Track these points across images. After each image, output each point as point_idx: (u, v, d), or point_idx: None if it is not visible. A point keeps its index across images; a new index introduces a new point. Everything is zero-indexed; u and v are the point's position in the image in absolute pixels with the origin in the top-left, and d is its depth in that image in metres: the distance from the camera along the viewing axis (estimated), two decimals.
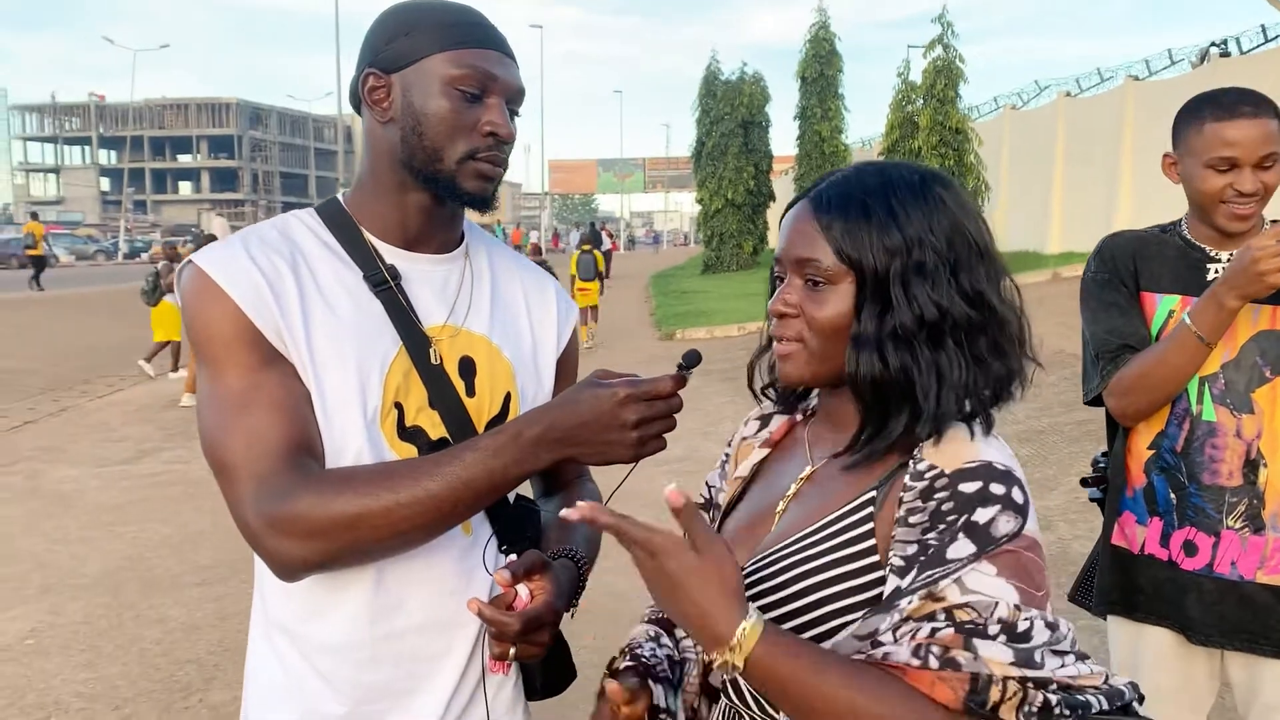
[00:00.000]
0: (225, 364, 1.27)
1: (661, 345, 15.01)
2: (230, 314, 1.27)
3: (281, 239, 1.36)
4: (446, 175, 1.34)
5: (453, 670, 1.38)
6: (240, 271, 1.29)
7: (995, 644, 1.00)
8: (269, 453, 1.23)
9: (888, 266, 1.12)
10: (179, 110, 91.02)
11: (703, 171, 28.10)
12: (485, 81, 1.33)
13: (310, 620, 1.35)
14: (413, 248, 1.41)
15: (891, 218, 1.12)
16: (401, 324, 1.36)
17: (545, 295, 1.56)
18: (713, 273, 27.67)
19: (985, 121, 24.06)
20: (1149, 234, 2.19)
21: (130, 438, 9.18)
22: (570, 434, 1.19)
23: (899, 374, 1.11)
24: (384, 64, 1.35)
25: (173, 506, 6.75)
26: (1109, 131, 18.61)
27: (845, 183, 1.17)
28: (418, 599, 1.36)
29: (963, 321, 1.12)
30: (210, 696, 3.97)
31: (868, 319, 1.12)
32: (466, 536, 1.39)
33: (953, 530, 1.04)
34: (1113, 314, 2.12)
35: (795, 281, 1.18)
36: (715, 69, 28.19)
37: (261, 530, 1.21)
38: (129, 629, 4.67)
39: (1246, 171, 1.97)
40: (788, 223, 1.20)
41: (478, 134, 1.33)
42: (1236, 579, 2.02)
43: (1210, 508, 2.03)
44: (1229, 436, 2.01)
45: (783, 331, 1.19)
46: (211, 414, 1.27)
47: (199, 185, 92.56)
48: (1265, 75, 13.36)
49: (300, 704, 1.36)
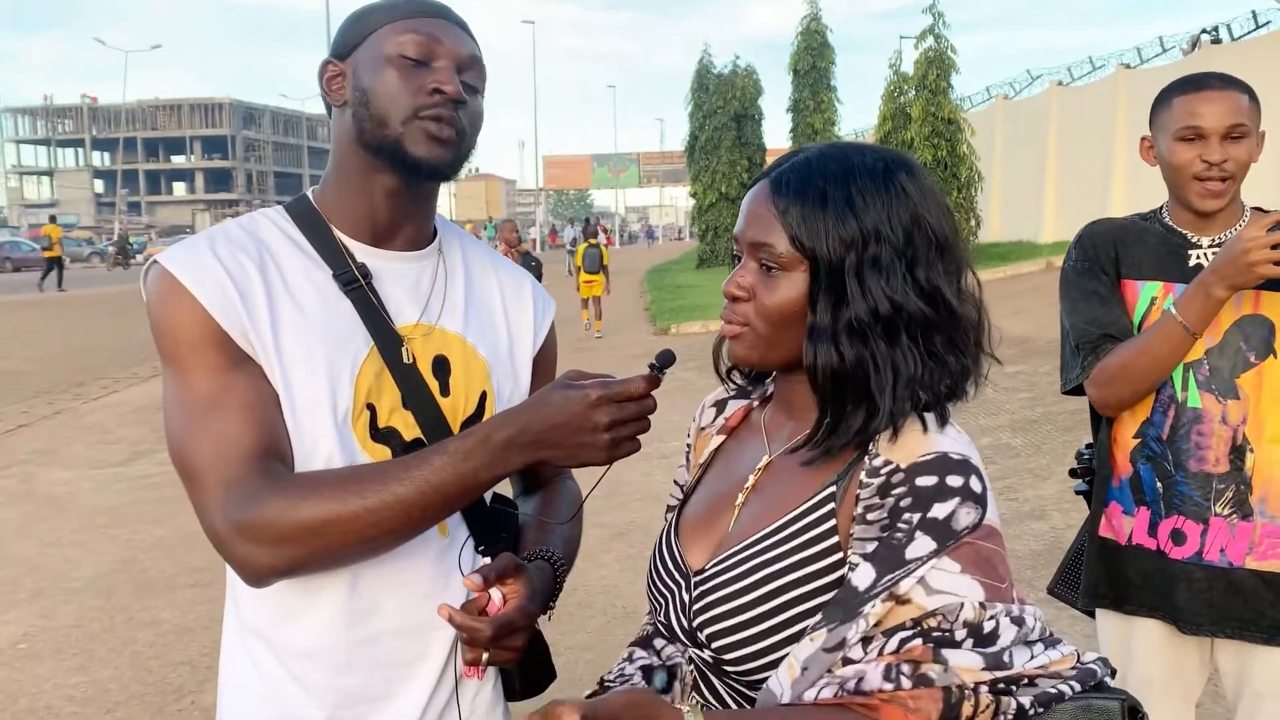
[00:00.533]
0: (191, 366, 1.25)
1: (657, 340, 15.01)
2: (196, 315, 1.24)
3: (248, 237, 1.34)
4: (392, 140, 1.30)
5: (429, 674, 1.37)
6: (205, 271, 1.26)
7: (963, 651, 0.99)
8: (236, 457, 1.21)
9: (842, 258, 1.10)
10: (172, 111, 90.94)
11: (696, 165, 28.09)
12: (429, 45, 1.31)
13: (284, 625, 1.34)
14: (383, 244, 1.38)
15: (849, 207, 1.10)
16: (373, 323, 1.33)
17: (522, 292, 1.54)
18: (707, 267, 27.68)
19: (978, 111, 24.07)
20: (1129, 222, 2.17)
21: (125, 440, 9.15)
22: (541, 436, 1.17)
23: (855, 367, 1.10)
24: (337, 51, 1.36)
25: (166, 508, 6.73)
26: (1101, 119, 18.62)
27: (806, 166, 1.15)
28: (393, 603, 1.34)
29: (918, 316, 1.10)
30: (202, 699, 3.95)
31: (823, 310, 1.11)
32: (443, 538, 1.37)
33: (911, 529, 1.02)
34: (1093, 303, 2.10)
35: (750, 264, 1.17)
36: (707, 63, 28.19)
37: (229, 536, 1.20)
38: (121, 632, 4.66)
39: (1214, 141, 1.97)
40: (746, 202, 1.19)
41: (422, 93, 1.30)
42: (1226, 566, 2.01)
43: (1198, 495, 2.02)
44: (1215, 423, 2.00)
45: (732, 314, 1.18)
46: (178, 418, 1.25)
47: (193, 186, 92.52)
48: (1256, 62, 13.36)
49: (276, 709, 1.34)
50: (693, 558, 1.22)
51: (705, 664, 1.19)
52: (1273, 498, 1.99)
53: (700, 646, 1.17)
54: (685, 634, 1.19)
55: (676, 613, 1.21)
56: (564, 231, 39.77)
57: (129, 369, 13.52)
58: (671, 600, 1.22)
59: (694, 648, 1.19)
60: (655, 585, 1.26)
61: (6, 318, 19.36)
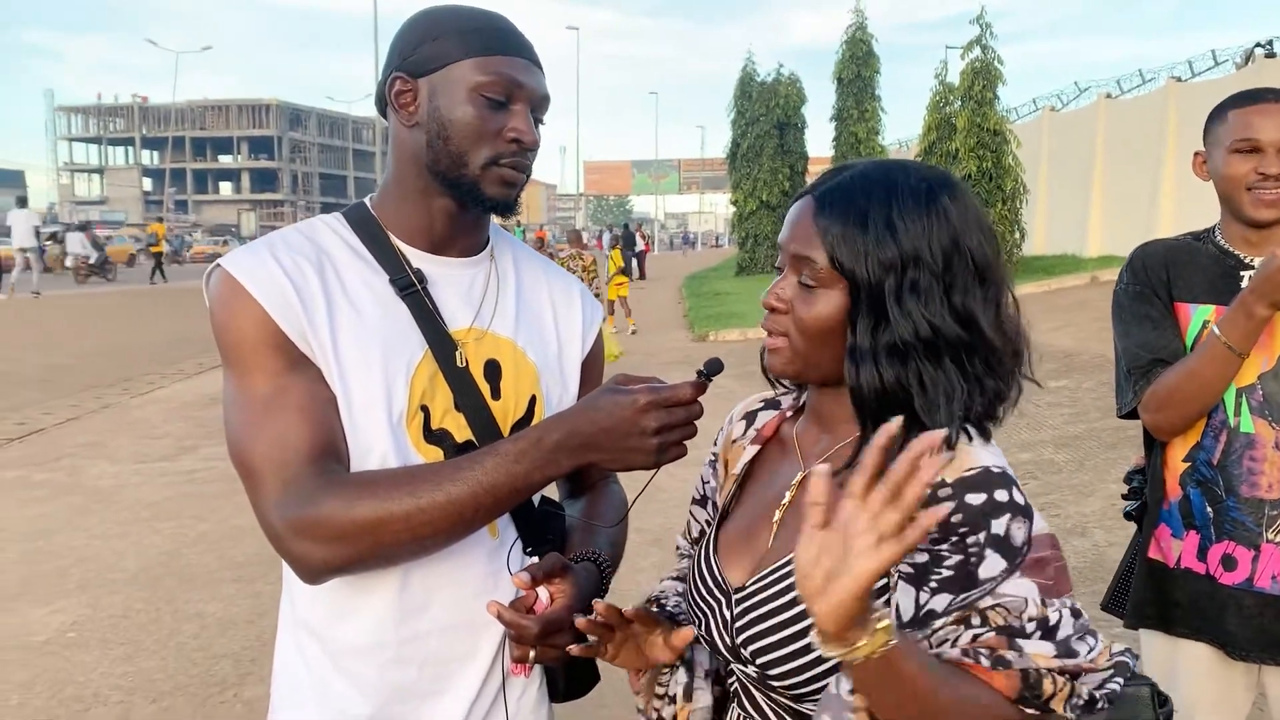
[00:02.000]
0: (251, 368, 1.29)
1: (695, 346, 15.01)
2: (257, 318, 1.28)
3: (308, 243, 1.38)
4: (470, 181, 1.35)
5: (477, 672, 1.40)
6: (267, 276, 1.30)
7: (1035, 640, 1.02)
8: (294, 457, 1.24)
9: (881, 280, 1.11)
10: (220, 111, 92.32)
11: (738, 173, 28.06)
12: (511, 89, 1.34)
13: (337, 622, 1.37)
14: (438, 251, 1.42)
15: (890, 231, 1.11)
16: (427, 327, 1.37)
17: (571, 298, 1.57)
18: (747, 274, 27.63)
19: (1024, 123, 23.83)
20: (1181, 242, 2.16)
21: (170, 435, 9.31)
22: (591, 440, 1.20)
23: (896, 387, 1.11)
24: (411, 68, 1.36)
25: (210, 503, 6.84)
26: (1150, 133, 18.37)
27: (850, 185, 1.16)
28: (444, 601, 1.37)
29: (954, 340, 1.11)
30: (245, 692, 4.02)
31: (863, 331, 1.12)
32: (493, 539, 1.40)
33: (980, 548, 1.03)
34: (1145, 327, 2.09)
35: (790, 277, 1.18)
36: (751, 70, 28.17)
37: (285, 533, 1.23)
38: (166, 623, 4.74)
39: (1270, 154, 1.97)
40: (791, 216, 1.21)
41: (502, 140, 1.34)
42: (1277, 593, 1.99)
43: (1249, 520, 2.00)
44: (1268, 448, 1.98)
45: (772, 325, 1.20)
46: (237, 418, 1.29)
47: (239, 186, 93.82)
48: None
49: (326, 704, 1.38)
50: (732, 575, 1.23)
51: (749, 678, 1.20)
52: None
53: (744, 662, 1.18)
54: (728, 650, 1.21)
55: (718, 629, 1.22)
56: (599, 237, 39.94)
57: (175, 365, 13.74)
58: (712, 616, 1.23)
59: (737, 663, 1.21)
60: (695, 601, 1.28)
61: (55, 312, 19.73)
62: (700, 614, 1.26)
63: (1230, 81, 16.60)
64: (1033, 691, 1.00)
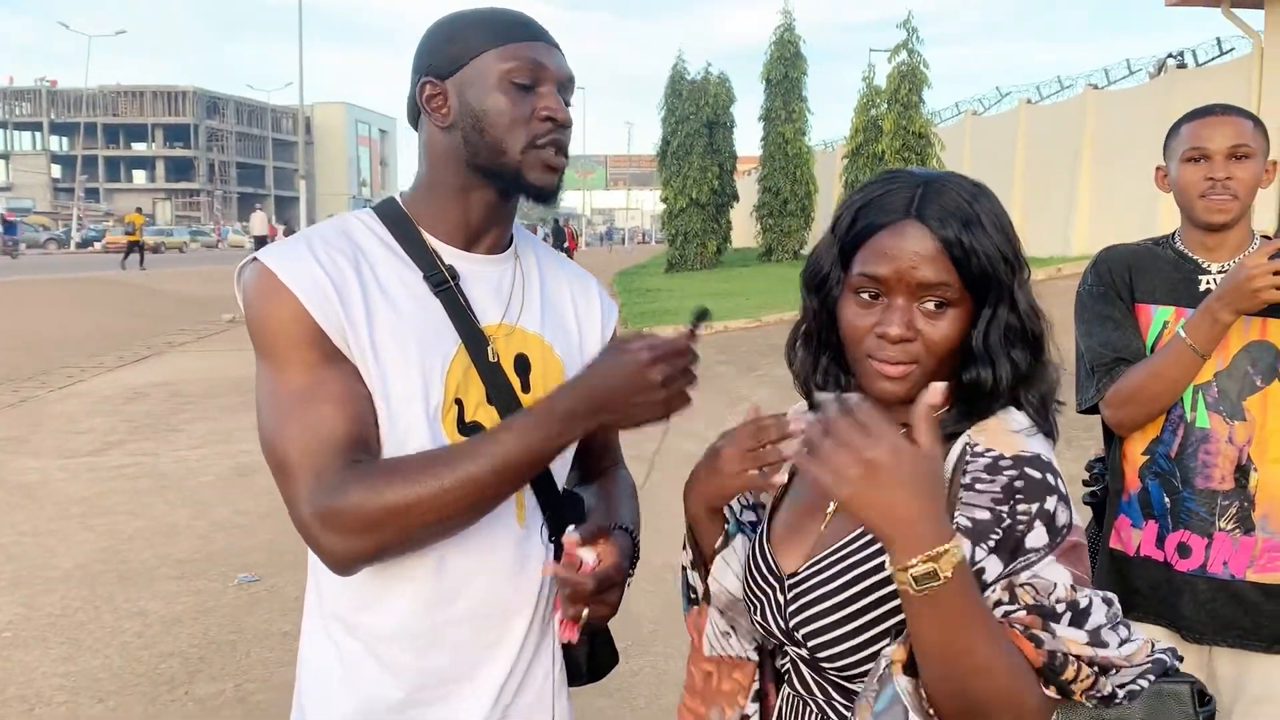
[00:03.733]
0: (288, 361, 1.30)
1: None
2: (295, 312, 1.30)
3: (344, 239, 1.40)
4: (512, 168, 1.37)
5: (506, 657, 1.43)
6: (305, 271, 1.32)
7: (1065, 625, 1.06)
8: (325, 450, 1.26)
9: (1007, 280, 1.17)
10: (134, 98, 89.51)
11: (667, 170, 28.14)
12: (536, 71, 1.37)
13: (367, 610, 1.39)
14: (469, 248, 1.45)
15: (1000, 229, 1.17)
16: (461, 323, 1.40)
17: (589, 294, 1.62)
18: (676, 271, 27.75)
19: (947, 126, 24.40)
20: (1143, 247, 2.27)
21: (94, 430, 9.05)
22: (601, 402, 1.23)
23: (1000, 379, 1.17)
24: (438, 71, 1.39)
25: (143, 499, 6.69)
26: (1068, 139, 18.96)
27: (945, 196, 1.16)
28: (473, 588, 1.40)
29: (1034, 330, 1.19)
30: (196, 690, 3.96)
31: (993, 332, 1.17)
32: (520, 528, 1.44)
33: (1030, 518, 1.08)
34: (1107, 327, 2.20)
35: (908, 304, 1.16)
36: (681, 68, 28.24)
37: (315, 526, 1.25)
38: (108, 622, 4.63)
39: (1219, 160, 2.10)
40: (894, 242, 1.16)
41: (536, 121, 1.36)
42: (1228, 578, 2.11)
43: (1203, 510, 2.12)
44: (1221, 443, 2.10)
45: (902, 354, 1.16)
46: (271, 411, 1.30)
47: (153, 174, 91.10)
48: (1220, 87, 13.68)
49: (358, 691, 1.40)
50: (785, 562, 1.28)
51: (803, 660, 1.26)
52: (1274, 514, 2.09)
53: (797, 645, 1.23)
54: (783, 634, 1.26)
55: (773, 614, 1.27)
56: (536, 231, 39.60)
57: (94, 358, 13.36)
58: (767, 603, 1.28)
59: (791, 645, 1.26)
60: (751, 589, 1.32)
61: None
62: (755, 601, 1.31)
63: (1144, 90, 17.20)
64: (1056, 672, 1.05)
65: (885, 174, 1.24)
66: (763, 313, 15.78)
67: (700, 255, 27.91)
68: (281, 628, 4.53)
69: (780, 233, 27.30)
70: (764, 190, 27.52)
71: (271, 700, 3.86)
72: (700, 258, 27.90)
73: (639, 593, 4.50)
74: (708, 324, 1.28)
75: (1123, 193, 16.83)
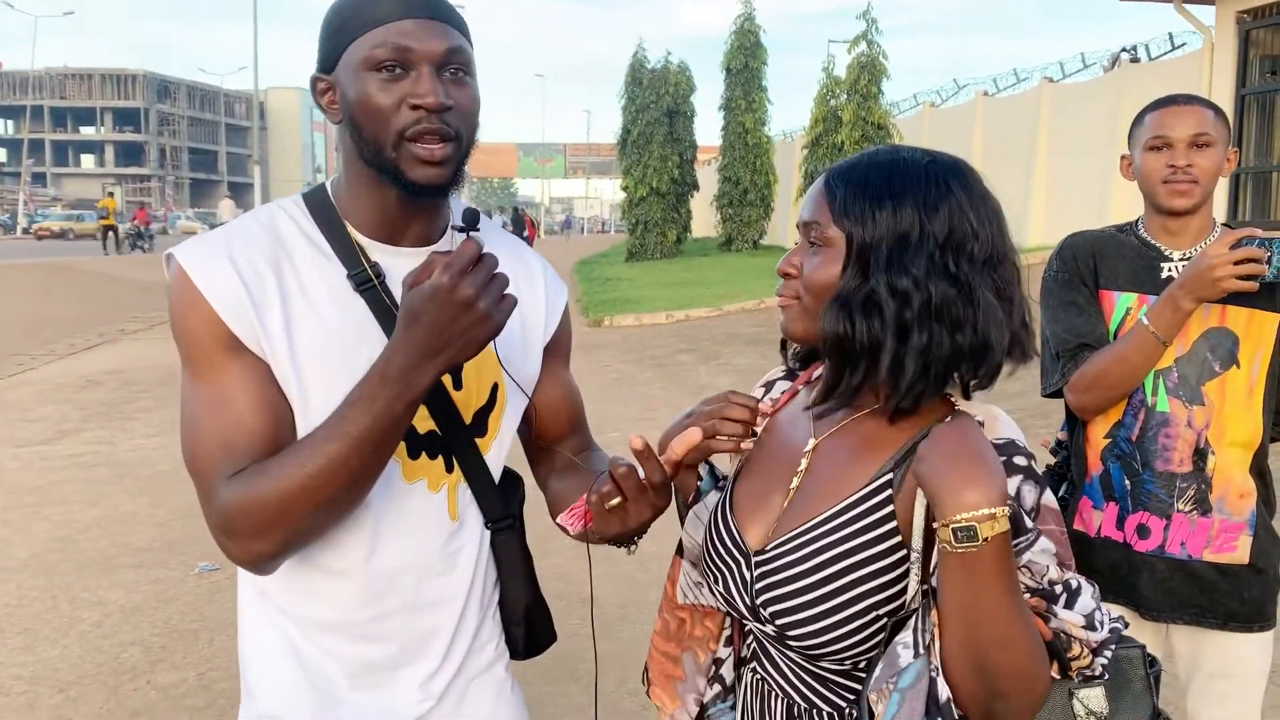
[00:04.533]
0: (202, 365, 1.29)
1: (591, 332, 15.01)
2: (208, 318, 1.28)
3: (266, 236, 1.35)
4: (390, 164, 1.29)
5: (440, 645, 1.45)
6: (219, 276, 1.29)
7: (1062, 607, 1.10)
8: (230, 457, 1.25)
9: (875, 237, 1.18)
10: (82, 80, 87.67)
11: (628, 159, 28.10)
12: (400, 54, 1.27)
13: (303, 604, 1.40)
14: (394, 241, 1.39)
15: (889, 194, 1.19)
16: (386, 323, 1.35)
17: (533, 281, 1.56)
18: (637, 260, 27.75)
19: (906, 118, 24.58)
20: (1106, 234, 2.32)
21: (47, 418, 8.90)
22: (429, 343, 1.17)
23: (863, 336, 1.17)
24: (324, 65, 1.34)
25: (99, 488, 6.60)
26: (1024, 130, 19.18)
27: (858, 161, 1.26)
28: (404, 583, 1.41)
29: (939, 302, 1.16)
30: (158, 678, 3.92)
31: (847, 281, 1.19)
32: (453, 522, 1.44)
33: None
34: (1072, 313, 2.25)
35: (802, 244, 1.26)
36: (642, 57, 28.20)
37: (217, 533, 1.27)
38: (65, 611, 4.57)
39: (1180, 149, 2.15)
40: (806, 194, 1.29)
41: (405, 109, 1.27)
42: (1185, 558, 2.17)
43: (1162, 493, 2.17)
44: (1181, 426, 2.16)
45: (784, 289, 1.27)
46: (185, 415, 1.30)
47: (102, 159, 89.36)
48: (1172, 81, 13.90)
49: (301, 667, 1.41)
50: (750, 536, 1.29)
51: (767, 636, 1.28)
52: (1230, 496, 2.16)
53: (762, 621, 1.25)
54: (747, 609, 1.28)
55: (737, 588, 1.29)
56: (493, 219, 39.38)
57: (45, 345, 13.13)
58: (731, 576, 1.30)
59: (756, 622, 1.28)
60: (712, 559, 1.34)
61: None
62: (717, 572, 1.32)
63: (1098, 83, 17.45)
64: (1063, 651, 1.09)
65: (874, 148, 1.30)
66: (723, 302, 15.85)
67: (661, 244, 27.93)
68: None
69: (740, 222, 27.36)
70: (724, 180, 27.55)
71: (235, 688, 3.80)
72: (660, 247, 27.91)
73: (605, 578, 4.52)
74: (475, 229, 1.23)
75: (1077, 184, 17.09)
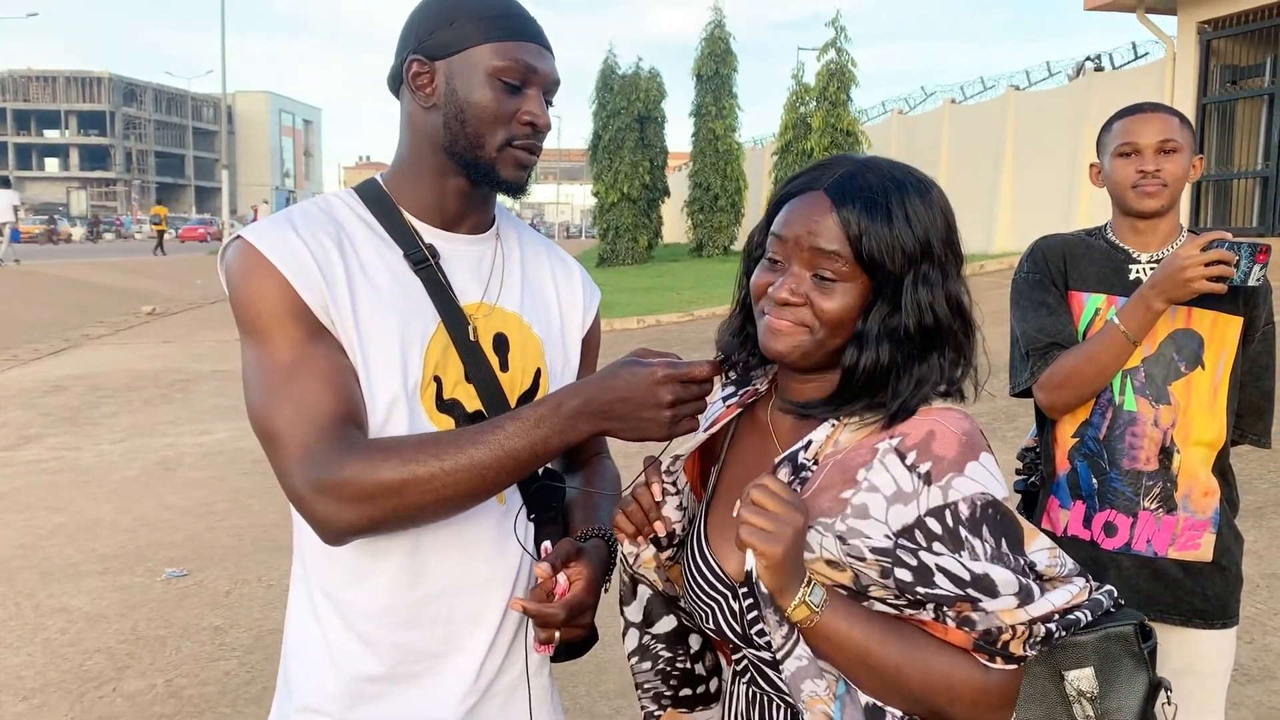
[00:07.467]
0: (273, 337, 1.31)
1: None
2: (279, 288, 1.31)
3: (325, 217, 1.41)
4: (486, 162, 1.40)
5: (486, 632, 1.45)
6: (289, 248, 1.33)
7: (988, 598, 1.11)
8: (316, 422, 1.27)
9: (904, 271, 1.19)
10: (46, 83, 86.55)
11: (599, 165, 28.10)
12: (526, 74, 1.39)
13: (352, 586, 1.41)
14: (449, 228, 1.47)
15: (908, 224, 1.18)
16: (440, 301, 1.41)
17: (571, 277, 1.63)
18: (608, 266, 27.74)
19: (874, 125, 24.76)
20: (1076, 237, 2.36)
21: (10, 423, 8.77)
22: (608, 408, 1.24)
23: (888, 369, 1.19)
24: (428, 51, 1.40)
25: (64, 494, 6.50)
26: (991, 137, 19.39)
27: (863, 179, 1.21)
28: (453, 563, 1.42)
29: (946, 327, 1.21)
30: (124, 686, 3.87)
31: (875, 319, 1.19)
32: (500, 506, 1.46)
33: None
34: (1041, 313, 2.27)
35: (803, 272, 1.21)
36: (612, 62, 28.20)
37: (309, 495, 1.25)
38: (29, 618, 4.51)
39: (1148, 154, 2.19)
40: (800, 210, 1.22)
41: (517, 123, 1.39)
42: (1151, 555, 2.20)
43: (1129, 491, 2.20)
44: (1147, 425, 2.19)
45: (792, 316, 1.21)
46: (259, 385, 1.31)
47: (67, 162, 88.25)
48: (1136, 90, 14.12)
49: (340, 665, 1.41)
50: (729, 565, 1.29)
51: (763, 661, 1.27)
52: (1195, 494, 2.19)
53: (757, 648, 1.25)
54: (740, 638, 1.27)
55: (728, 620, 1.28)
56: None
57: (7, 350, 12.95)
58: (720, 610, 1.29)
59: (750, 649, 1.27)
60: (698, 596, 1.33)
61: None
62: (706, 609, 1.31)
63: (1063, 91, 17.67)
64: (988, 639, 1.10)
65: (835, 156, 1.29)
66: (694, 307, 15.88)
67: (632, 250, 27.93)
68: (211, 622, 4.45)
69: (711, 228, 27.43)
70: (695, 186, 27.61)
71: (203, 694, 3.80)
72: (632, 252, 27.91)
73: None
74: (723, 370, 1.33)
75: (1043, 191, 17.28)
